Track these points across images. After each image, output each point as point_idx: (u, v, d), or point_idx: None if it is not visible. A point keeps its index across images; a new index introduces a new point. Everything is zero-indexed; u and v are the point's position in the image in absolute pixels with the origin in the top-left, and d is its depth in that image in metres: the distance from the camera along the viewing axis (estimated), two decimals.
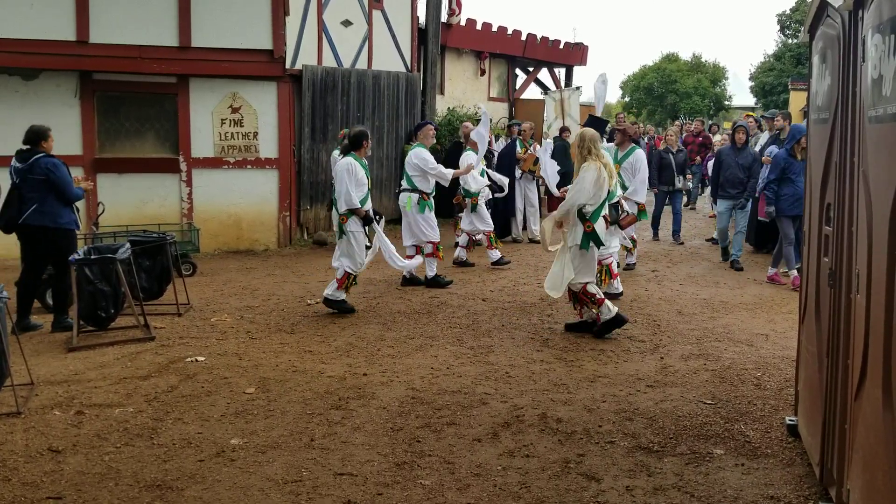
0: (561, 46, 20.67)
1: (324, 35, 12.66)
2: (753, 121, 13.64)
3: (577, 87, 18.55)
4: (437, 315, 7.70)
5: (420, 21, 14.78)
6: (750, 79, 42.18)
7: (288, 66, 11.78)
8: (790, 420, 4.76)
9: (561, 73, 21.85)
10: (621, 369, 6.03)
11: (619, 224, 7.90)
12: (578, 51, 21.43)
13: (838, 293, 3.58)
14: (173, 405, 5.20)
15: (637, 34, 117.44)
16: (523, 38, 19.46)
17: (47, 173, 6.92)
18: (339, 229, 7.70)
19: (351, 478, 4.13)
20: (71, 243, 7.14)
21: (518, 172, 12.42)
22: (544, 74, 21.67)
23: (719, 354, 6.45)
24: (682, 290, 9.02)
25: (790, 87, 23.44)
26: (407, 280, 9.06)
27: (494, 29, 18.59)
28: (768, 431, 4.81)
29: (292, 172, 12.14)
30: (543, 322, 7.49)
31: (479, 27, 18.21)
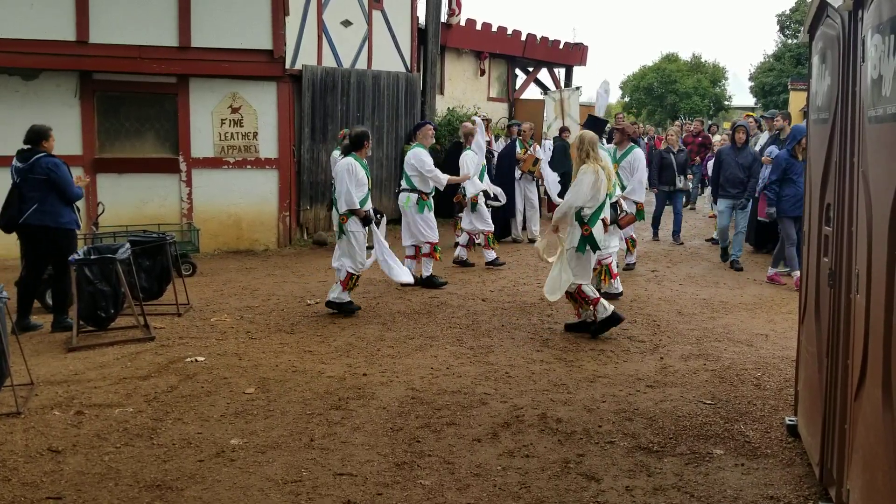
0: (561, 46, 20.67)
1: (324, 35, 12.66)
2: (753, 121, 13.65)
3: (577, 88, 18.55)
4: (437, 315, 7.70)
5: (420, 21, 14.78)
6: (750, 79, 42.17)
7: (288, 66, 11.78)
8: (790, 420, 4.77)
9: (561, 73, 21.85)
10: (621, 369, 6.03)
11: (618, 224, 7.91)
12: (578, 51, 21.43)
13: (838, 293, 3.59)
14: (173, 405, 5.20)
15: (637, 34, 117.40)
16: (523, 38, 19.46)
17: (48, 173, 6.93)
18: (339, 229, 7.70)
19: (351, 478, 4.13)
20: (72, 243, 7.14)
21: (518, 173, 12.42)
22: (544, 74, 21.67)
23: (719, 354, 6.45)
24: (681, 291, 9.02)
25: (790, 87, 23.42)
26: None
27: (494, 29, 18.59)
28: (768, 431, 4.81)
29: (292, 172, 12.14)
30: (543, 322, 7.49)
31: (478, 27, 18.21)
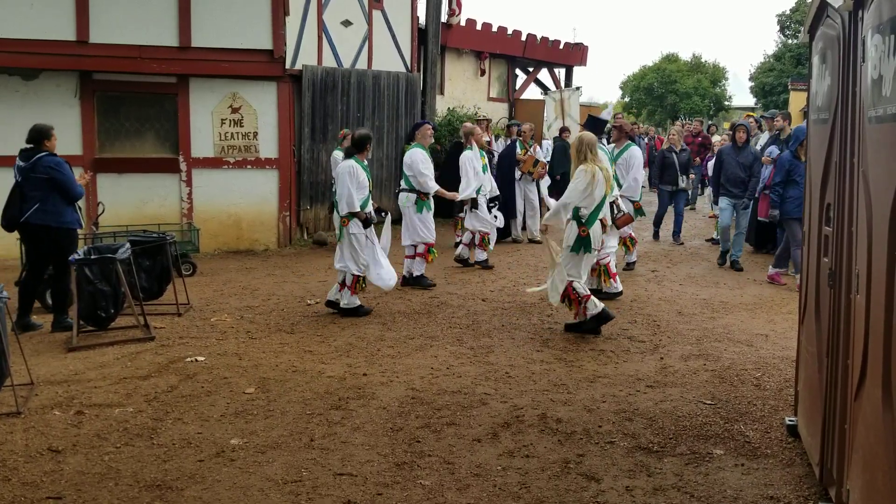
0: (561, 47, 20.68)
1: (324, 35, 12.66)
2: (754, 121, 13.65)
3: (577, 88, 18.57)
4: (437, 315, 7.70)
5: (420, 21, 14.78)
6: (750, 79, 42.16)
7: (288, 66, 11.78)
8: (790, 420, 4.77)
9: (561, 73, 21.87)
10: (621, 369, 6.03)
11: (615, 224, 7.91)
12: (578, 51, 21.44)
13: (838, 293, 3.59)
14: (173, 405, 5.20)
15: (637, 34, 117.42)
16: (523, 38, 19.47)
17: (50, 172, 6.92)
18: (339, 231, 7.70)
19: (351, 478, 4.13)
20: (73, 243, 7.14)
21: (518, 173, 12.42)
22: (544, 75, 21.70)
23: (719, 355, 6.45)
24: (682, 291, 9.02)
25: (790, 87, 23.44)
26: (407, 280, 9.06)
27: (494, 29, 18.60)
28: (768, 431, 4.81)
29: (292, 172, 12.14)
30: (543, 322, 7.49)
31: (479, 27, 18.22)
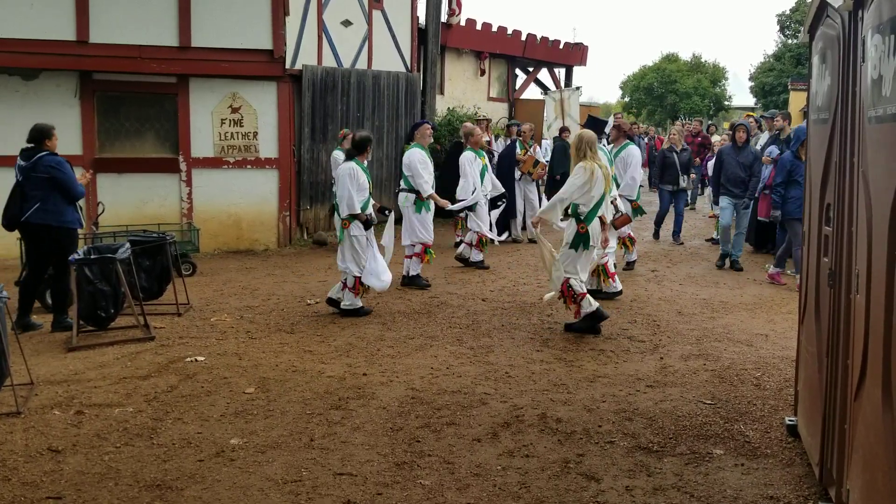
0: (561, 46, 20.68)
1: (324, 35, 12.66)
2: (754, 121, 13.65)
3: (577, 87, 18.55)
4: (437, 315, 7.70)
5: (420, 21, 14.78)
6: (750, 79, 42.16)
7: (288, 66, 11.77)
8: (790, 420, 4.77)
9: (561, 73, 21.87)
10: (621, 369, 6.03)
11: (613, 224, 7.90)
12: (578, 51, 21.45)
13: (838, 293, 3.59)
14: (173, 405, 5.20)
15: (637, 34, 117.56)
16: (523, 38, 19.47)
17: (51, 171, 6.92)
18: (340, 233, 7.69)
19: (351, 478, 4.13)
20: (74, 242, 7.14)
21: (517, 174, 12.42)
22: (544, 74, 21.70)
23: (719, 354, 6.45)
24: (681, 290, 9.02)
25: (790, 87, 23.44)
26: (407, 280, 9.06)
27: (494, 29, 18.60)
28: (768, 431, 4.81)
29: (292, 172, 12.14)
30: (543, 322, 7.49)
31: (479, 27, 18.22)
